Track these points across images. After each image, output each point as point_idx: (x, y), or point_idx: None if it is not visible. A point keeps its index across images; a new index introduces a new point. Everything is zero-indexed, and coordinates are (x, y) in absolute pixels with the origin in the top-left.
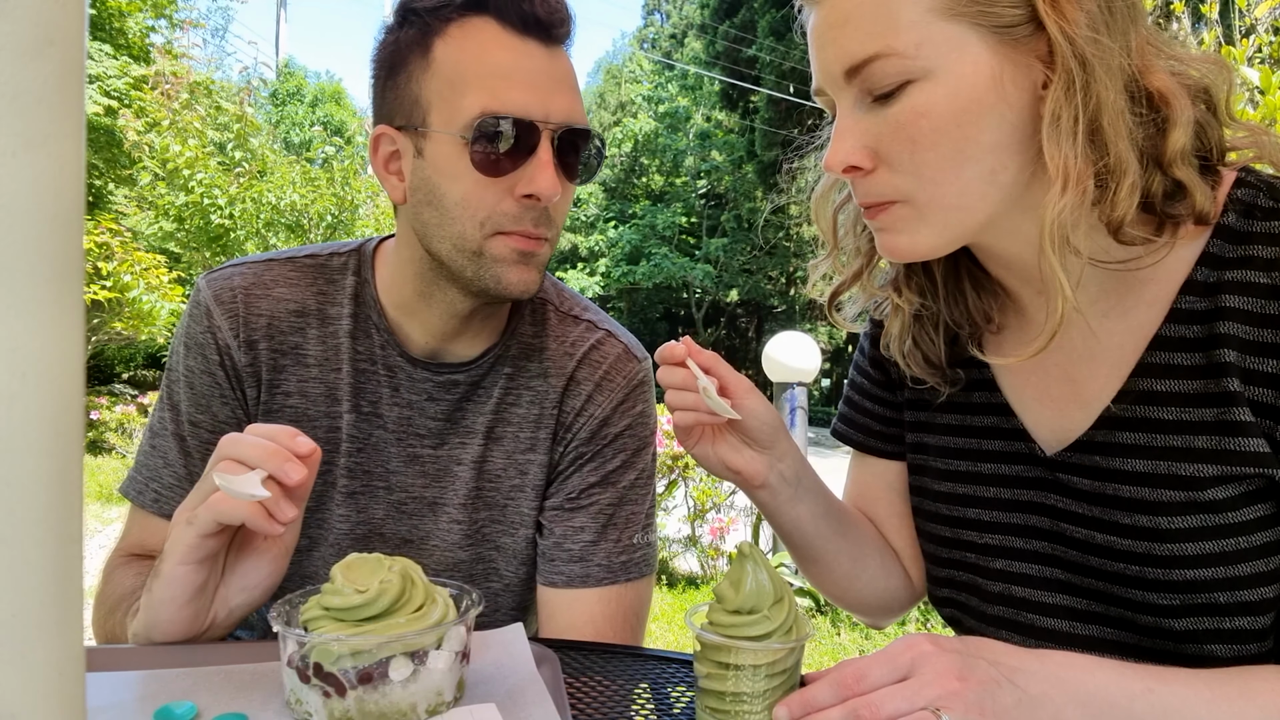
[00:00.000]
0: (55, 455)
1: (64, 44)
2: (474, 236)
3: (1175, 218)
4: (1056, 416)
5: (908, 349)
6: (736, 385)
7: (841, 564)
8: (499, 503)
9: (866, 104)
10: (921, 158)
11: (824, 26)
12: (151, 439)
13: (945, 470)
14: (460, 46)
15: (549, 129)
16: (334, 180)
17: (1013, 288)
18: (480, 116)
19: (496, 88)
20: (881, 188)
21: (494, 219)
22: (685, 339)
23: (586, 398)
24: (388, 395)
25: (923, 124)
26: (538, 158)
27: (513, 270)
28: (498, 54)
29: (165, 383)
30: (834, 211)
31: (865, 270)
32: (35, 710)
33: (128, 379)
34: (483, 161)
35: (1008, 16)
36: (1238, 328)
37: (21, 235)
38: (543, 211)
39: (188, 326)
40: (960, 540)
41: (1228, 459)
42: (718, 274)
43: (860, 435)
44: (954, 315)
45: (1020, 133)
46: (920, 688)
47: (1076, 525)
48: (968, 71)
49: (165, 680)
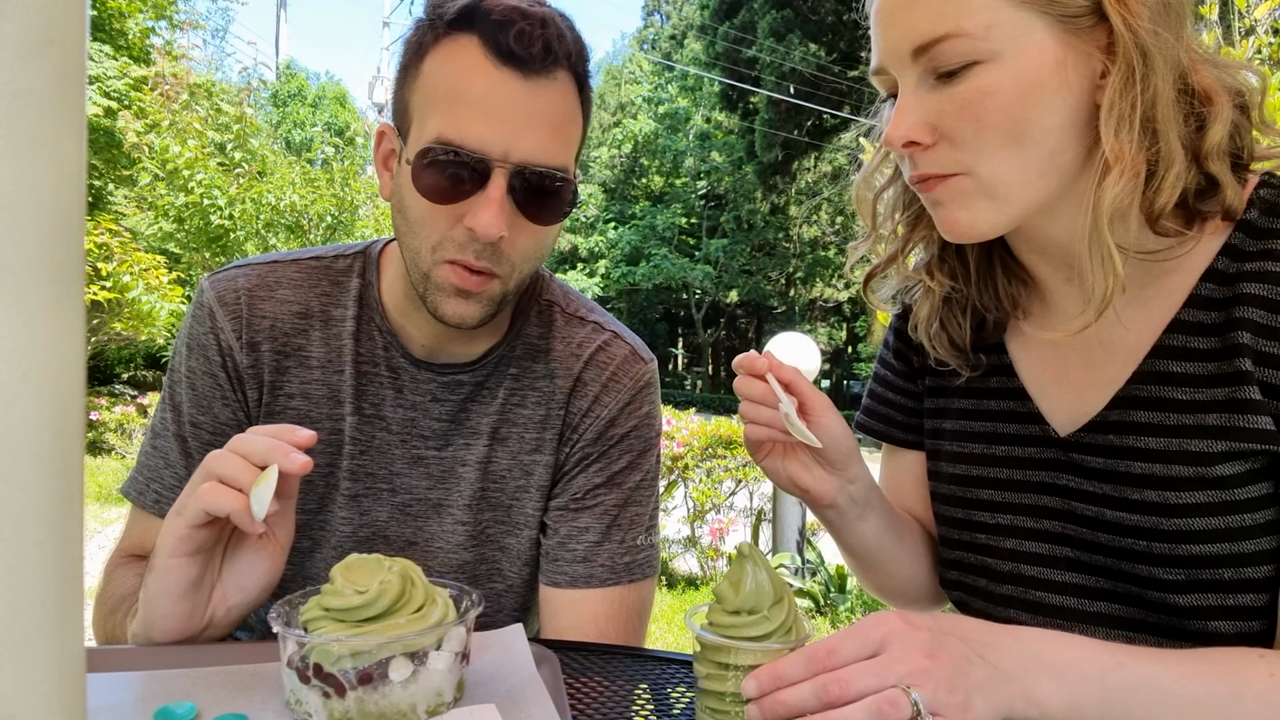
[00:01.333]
0: (55, 455)
1: (64, 44)
2: (426, 257)
3: (1205, 213)
4: (1073, 400)
5: (934, 331)
6: (815, 402)
7: (902, 569)
8: (504, 504)
9: (930, 82)
10: (985, 135)
11: (892, 6)
12: (153, 439)
13: (959, 453)
14: (442, 64)
15: (503, 167)
16: (334, 181)
17: (1041, 275)
18: (433, 142)
19: (459, 115)
20: (943, 161)
21: (444, 245)
22: (768, 353)
23: (593, 398)
24: (391, 397)
25: (988, 103)
26: (486, 194)
27: (450, 301)
28: (469, 79)
29: (167, 383)
30: (875, 196)
31: (901, 254)
32: (35, 710)
33: (128, 379)
34: (427, 187)
35: (1073, 7)
36: (1254, 312)
37: (21, 235)
38: (488, 248)
39: (190, 327)
40: (972, 521)
41: (1236, 435)
42: (717, 274)
43: (883, 425)
44: (983, 300)
45: (1079, 118)
46: (890, 664)
47: (1087, 503)
48: (1033, 56)
49: (165, 680)
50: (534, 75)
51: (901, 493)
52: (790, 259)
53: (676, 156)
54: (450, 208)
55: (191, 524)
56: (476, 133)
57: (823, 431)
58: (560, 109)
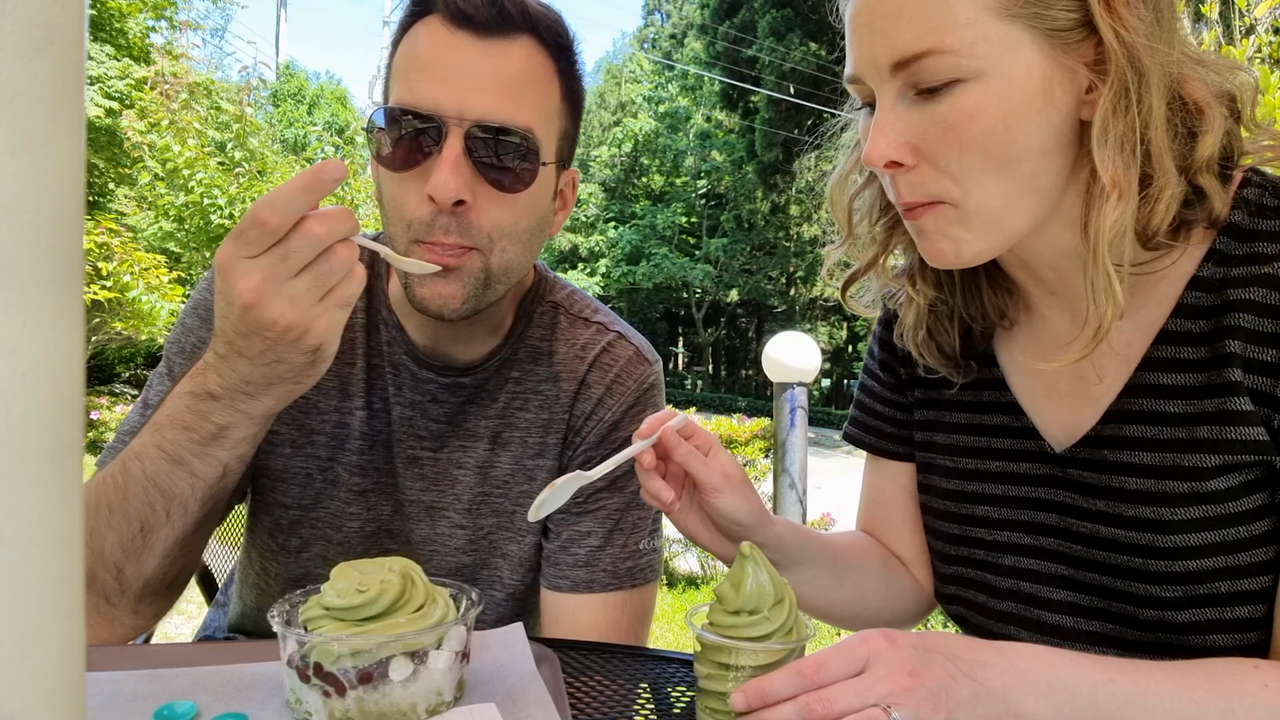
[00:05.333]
0: (55, 455)
1: (64, 44)
2: (401, 239)
3: (1191, 223)
4: (1066, 414)
5: (922, 339)
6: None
7: (839, 610)
8: (507, 509)
9: (909, 98)
10: (968, 160)
11: (872, 15)
12: (143, 410)
13: (954, 468)
14: (408, 43)
15: (458, 125)
16: None
17: (1026, 287)
18: (390, 107)
19: (413, 80)
20: (927, 185)
21: (414, 226)
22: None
23: (597, 401)
24: (393, 393)
25: (971, 127)
26: (441, 155)
27: (428, 284)
28: (423, 46)
29: (166, 355)
30: (850, 198)
31: (880, 259)
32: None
33: (128, 379)
34: (387, 158)
35: (1062, 20)
36: (1243, 318)
37: (21, 235)
38: (455, 219)
39: (203, 297)
40: (969, 537)
41: (1228, 448)
42: (718, 274)
43: (871, 438)
44: (969, 310)
45: (1063, 137)
46: (872, 684)
47: (1083, 520)
48: (1019, 74)
49: (165, 680)
50: (489, 36)
51: (883, 503)
52: (790, 258)
53: (677, 156)
54: (411, 176)
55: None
56: (429, 93)
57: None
58: (519, 70)
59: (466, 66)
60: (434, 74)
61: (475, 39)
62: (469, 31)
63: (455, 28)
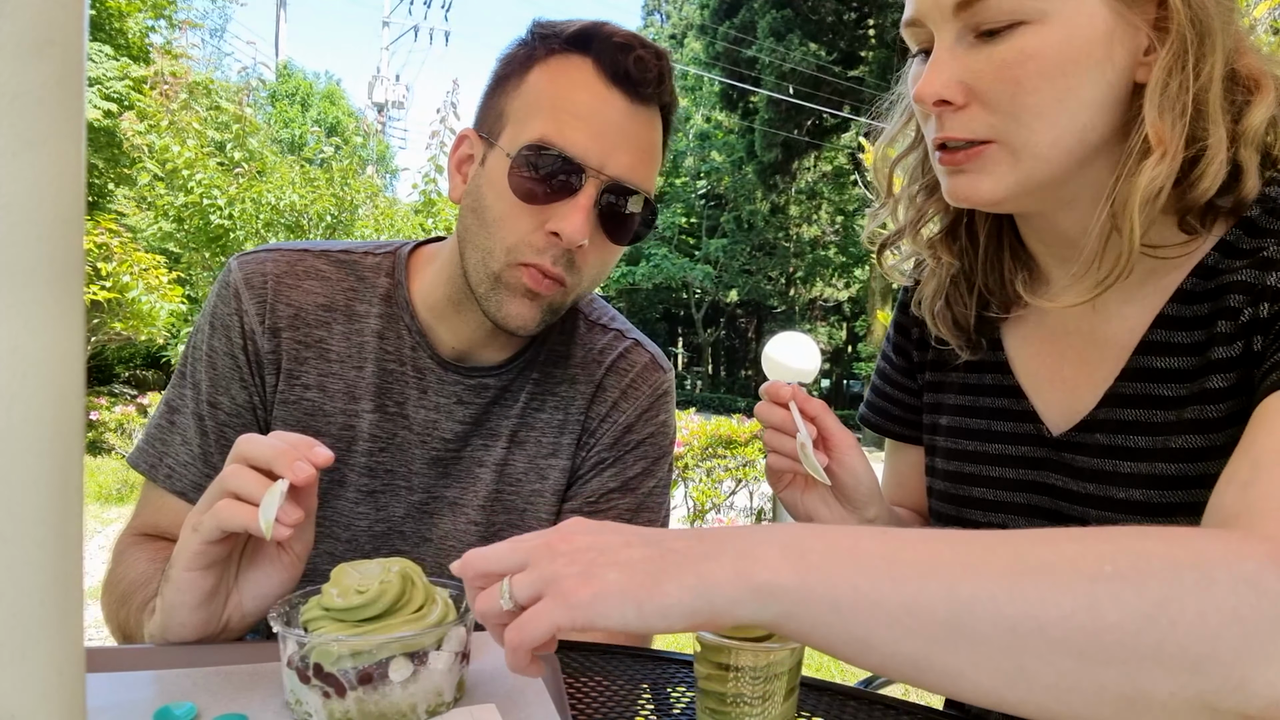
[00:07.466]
0: (55, 455)
1: (64, 44)
2: (498, 258)
3: (1218, 210)
4: (1066, 398)
5: (939, 309)
6: (840, 440)
7: None
8: (518, 507)
9: (969, 40)
10: (1022, 100)
11: None
12: (169, 414)
13: (953, 449)
14: (551, 77)
15: (597, 178)
16: (333, 180)
17: (1043, 261)
18: (536, 141)
19: (564, 122)
20: (974, 125)
21: (519, 248)
22: (794, 386)
23: (612, 404)
24: (415, 397)
25: (1030, 66)
26: (575, 200)
27: (515, 302)
28: (579, 93)
29: (187, 360)
30: (893, 164)
31: (914, 225)
32: (35, 710)
33: (128, 379)
34: (519, 185)
35: None
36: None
37: (21, 235)
38: (565, 254)
39: (215, 306)
40: (965, 519)
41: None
42: (717, 274)
43: (882, 420)
44: (988, 281)
45: (1115, 94)
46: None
47: (1073, 504)
48: (1083, 22)
49: (165, 680)
50: (639, 101)
51: (906, 488)
52: (790, 259)
53: (676, 156)
54: (537, 209)
55: (207, 540)
56: (579, 140)
57: (844, 470)
58: (654, 139)
59: (619, 126)
60: (589, 125)
61: (627, 100)
62: (622, 90)
63: (610, 84)
